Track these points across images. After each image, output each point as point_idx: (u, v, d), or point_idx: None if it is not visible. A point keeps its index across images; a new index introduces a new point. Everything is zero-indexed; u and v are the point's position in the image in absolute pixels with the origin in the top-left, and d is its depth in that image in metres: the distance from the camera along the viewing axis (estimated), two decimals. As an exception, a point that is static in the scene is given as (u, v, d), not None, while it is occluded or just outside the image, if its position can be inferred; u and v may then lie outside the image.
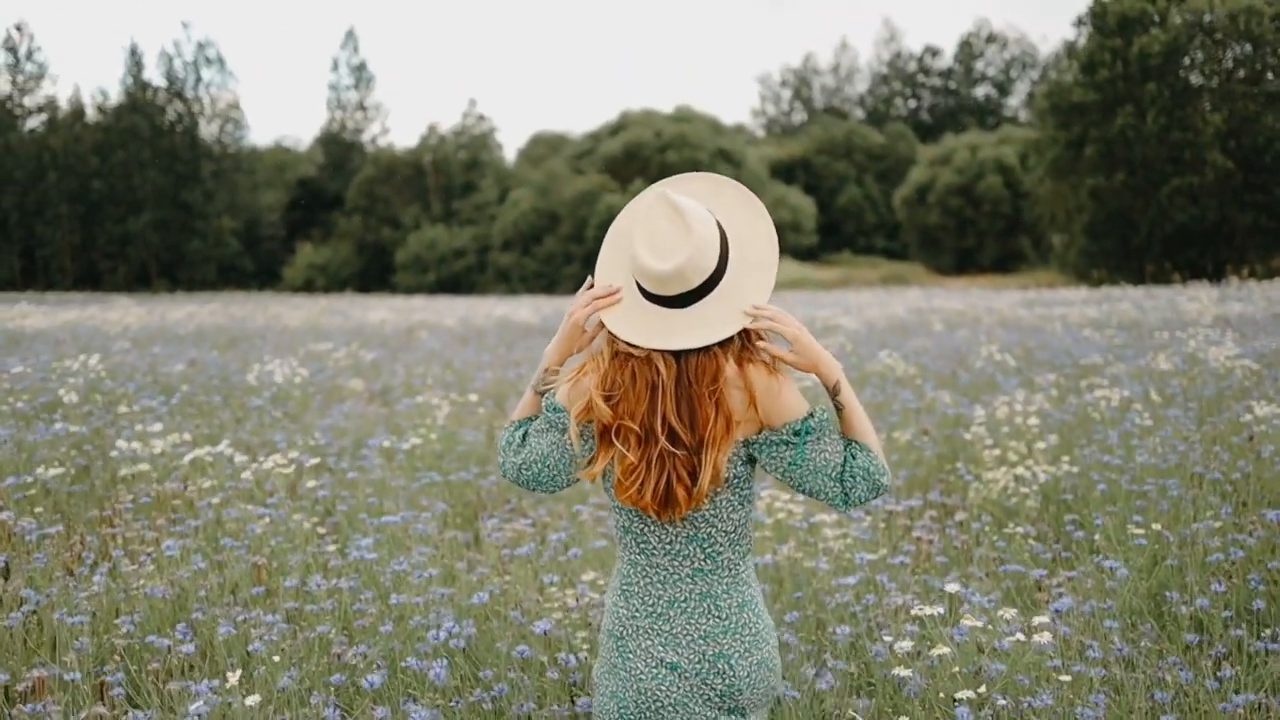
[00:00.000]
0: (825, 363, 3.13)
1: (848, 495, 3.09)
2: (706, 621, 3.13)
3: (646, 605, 3.17)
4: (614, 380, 3.09)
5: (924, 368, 13.31)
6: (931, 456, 8.98)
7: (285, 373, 11.78)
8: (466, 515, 8.06)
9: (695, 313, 3.03)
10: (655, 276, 3.00)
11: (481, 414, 11.28)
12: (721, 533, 3.13)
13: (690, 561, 3.14)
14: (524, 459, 3.25)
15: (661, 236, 3.00)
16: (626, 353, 3.08)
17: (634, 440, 3.05)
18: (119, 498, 7.76)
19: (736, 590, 3.16)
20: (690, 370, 3.03)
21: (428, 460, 8.95)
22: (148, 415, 10.16)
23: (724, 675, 3.12)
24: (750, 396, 3.04)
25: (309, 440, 9.43)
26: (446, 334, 21.71)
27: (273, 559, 6.04)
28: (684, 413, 3.04)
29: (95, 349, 16.72)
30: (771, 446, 3.07)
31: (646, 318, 3.06)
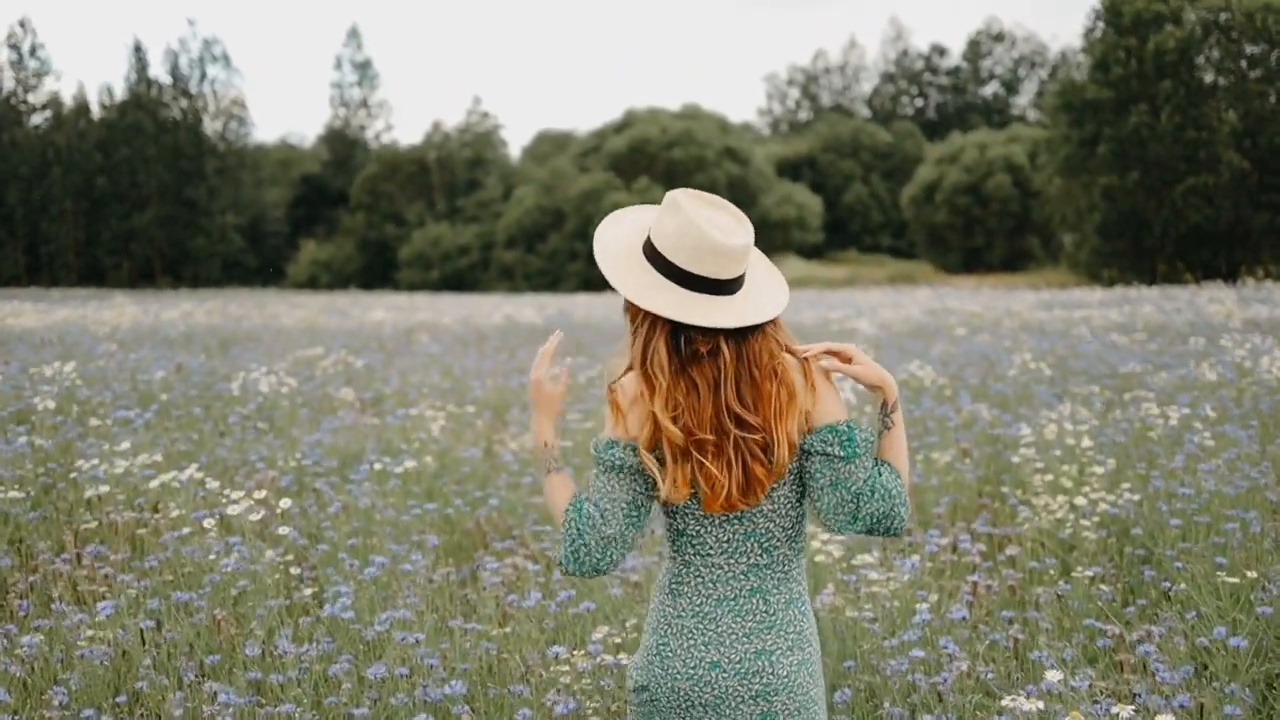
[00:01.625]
0: (889, 379, 3.14)
1: (858, 513, 3.04)
2: (753, 619, 3.09)
3: (694, 605, 3.12)
4: (675, 398, 3.04)
5: (954, 377, 12.51)
6: (974, 480, 8.20)
7: (272, 383, 10.99)
8: (465, 546, 7.31)
9: (743, 296, 3.06)
10: (728, 253, 3.01)
11: (480, 426, 10.51)
12: (780, 528, 3.11)
13: (747, 558, 3.11)
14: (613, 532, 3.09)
15: (720, 221, 3.04)
16: (693, 353, 3.04)
17: (711, 447, 3.02)
18: (79, 525, 7.01)
19: (786, 587, 3.14)
20: (751, 350, 3.04)
21: (424, 481, 8.18)
22: (120, 429, 9.40)
23: (763, 673, 3.08)
24: (807, 376, 3.06)
25: (291, 459, 8.64)
26: (447, 336, 20.90)
27: (238, 607, 5.28)
28: (746, 396, 3.03)
29: (79, 352, 15.97)
30: (816, 457, 3.04)
31: (703, 306, 3.02)
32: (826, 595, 5.31)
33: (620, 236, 3.21)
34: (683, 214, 3.04)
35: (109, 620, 5.06)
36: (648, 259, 3.12)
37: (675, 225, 3.05)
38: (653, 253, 3.11)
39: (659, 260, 3.09)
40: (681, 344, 3.05)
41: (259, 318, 25.55)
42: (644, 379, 3.06)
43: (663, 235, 3.08)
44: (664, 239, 3.08)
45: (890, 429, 3.12)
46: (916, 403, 10.93)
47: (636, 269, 3.11)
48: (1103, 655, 5.15)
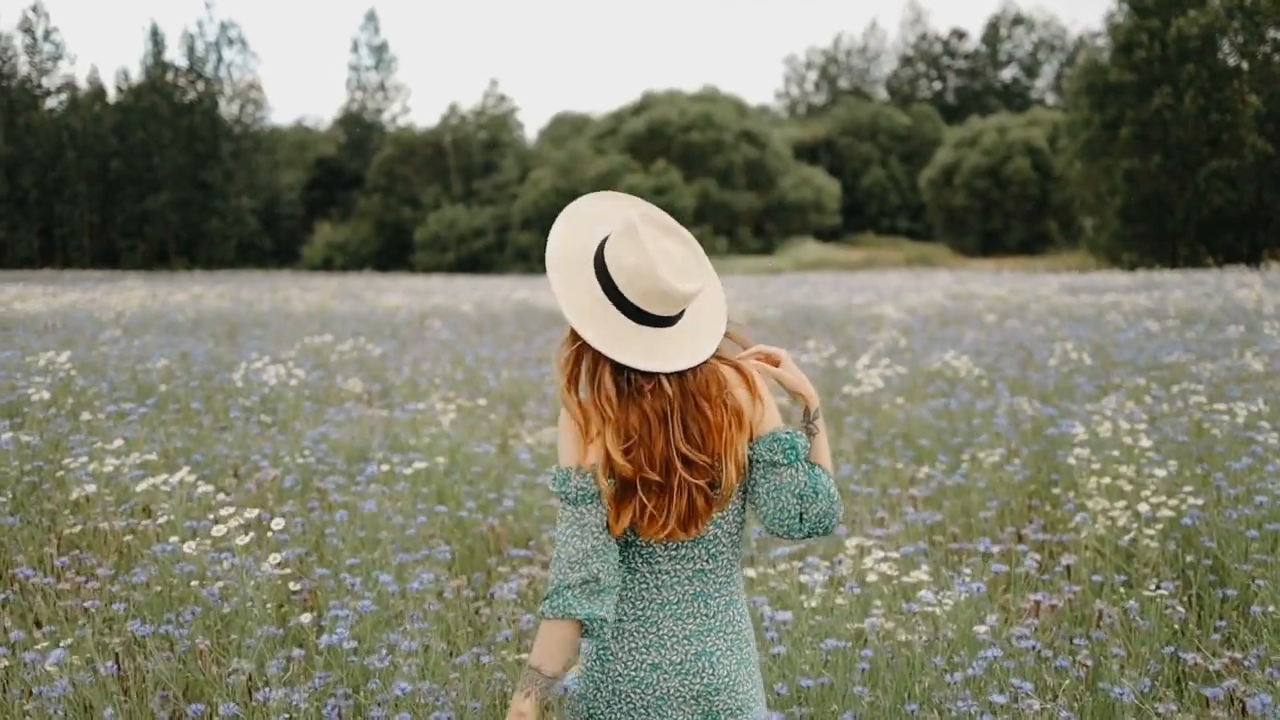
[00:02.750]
0: (810, 387, 3.20)
1: (803, 514, 3.07)
2: (693, 621, 3.10)
3: (636, 609, 3.11)
4: (626, 429, 3.01)
5: (990, 368, 11.95)
6: (1022, 480, 7.66)
7: (276, 373, 10.44)
8: (479, 552, 6.79)
9: (684, 328, 3.05)
10: (679, 297, 2.98)
11: (493, 420, 9.97)
12: (726, 534, 3.12)
13: (693, 564, 3.11)
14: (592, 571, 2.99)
15: (677, 259, 3.00)
16: (636, 390, 3.01)
17: (655, 488, 3.01)
18: (63, 530, 6.53)
19: (726, 589, 3.15)
20: (695, 384, 3.03)
21: (434, 481, 7.66)
22: (114, 423, 8.90)
23: (704, 673, 3.08)
24: (751, 390, 3.07)
25: (297, 455, 8.12)
26: (462, 322, 20.34)
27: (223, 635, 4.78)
28: (694, 433, 3.02)
29: (82, 338, 15.49)
30: (761, 465, 3.08)
31: (645, 342, 3.01)
32: (876, 618, 4.79)
33: (572, 242, 3.12)
34: (640, 250, 2.98)
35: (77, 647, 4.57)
36: (597, 276, 3.05)
37: (632, 261, 2.98)
38: (604, 274, 3.03)
39: (608, 284, 3.03)
40: (625, 377, 3.02)
41: (270, 302, 25.00)
42: (594, 408, 3.02)
43: (618, 266, 3.01)
44: (619, 270, 3.00)
45: (814, 434, 3.18)
46: (953, 395, 10.40)
47: (583, 288, 3.05)
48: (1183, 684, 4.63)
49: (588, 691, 3.14)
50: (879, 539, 6.07)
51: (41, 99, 78.70)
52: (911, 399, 10.42)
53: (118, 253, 77.03)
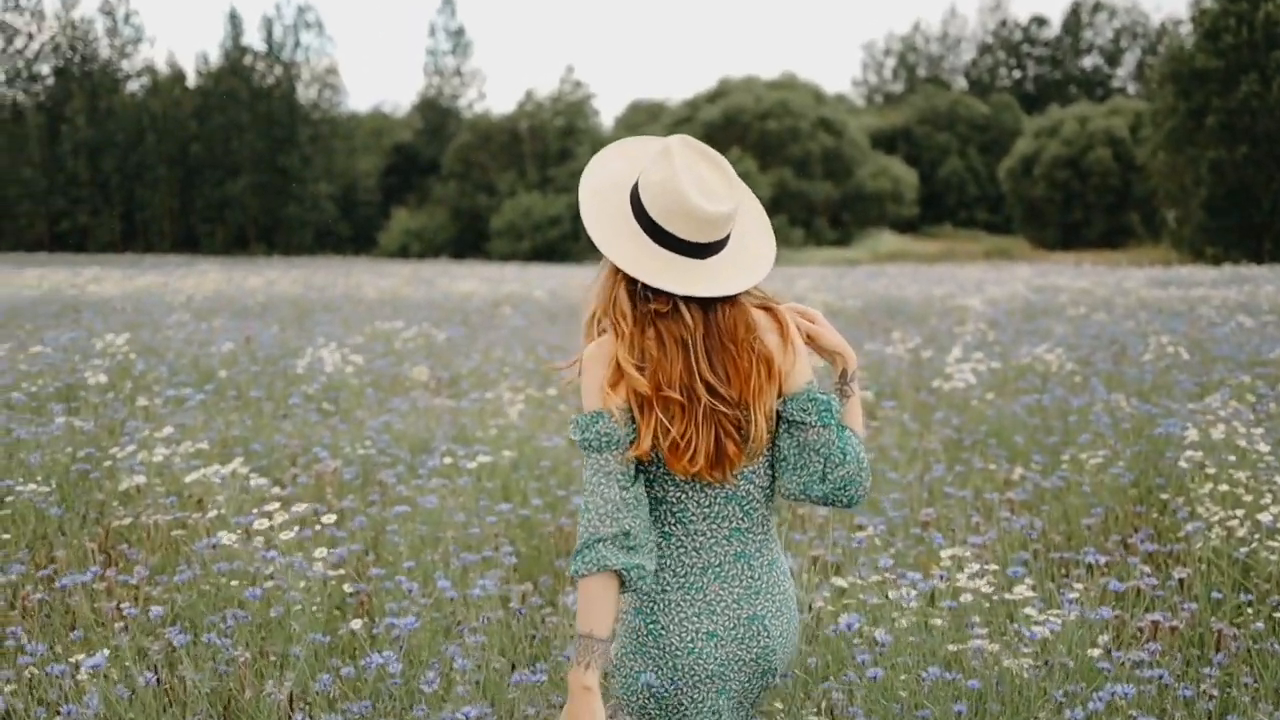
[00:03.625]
0: (848, 347, 3.13)
1: (825, 476, 2.97)
2: (739, 584, 3.02)
3: (678, 577, 3.00)
4: (641, 347, 2.90)
5: (1083, 362, 11.40)
6: (1126, 484, 7.14)
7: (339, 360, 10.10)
8: (545, 553, 6.39)
9: (719, 262, 2.94)
10: (706, 219, 2.89)
11: (564, 412, 9.54)
12: (759, 489, 3.04)
13: (729, 522, 3.02)
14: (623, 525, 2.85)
15: (709, 181, 2.91)
16: (653, 311, 2.91)
17: (677, 409, 2.88)
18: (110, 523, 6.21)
19: (767, 549, 3.08)
20: (719, 321, 2.93)
21: (500, 475, 7.26)
22: (172, 409, 8.59)
23: (759, 637, 3.02)
24: (784, 334, 2.97)
25: (358, 446, 7.76)
26: (535, 309, 19.97)
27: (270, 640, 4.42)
28: (718, 368, 2.91)
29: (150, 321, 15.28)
30: (791, 424, 2.98)
31: (670, 266, 2.90)
32: (979, 640, 4.34)
33: (614, 171, 3.07)
34: (670, 167, 2.91)
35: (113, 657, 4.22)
36: (630, 201, 2.99)
37: (660, 178, 2.92)
38: (635, 197, 2.98)
39: (638, 207, 2.96)
40: (638, 296, 2.93)
41: (342, 287, 24.78)
42: (611, 326, 2.94)
43: (647, 184, 2.94)
44: (647, 188, 2.94)
45: (848, 397, 3.11)
46: (1045, 390, 9.88)
47: (613, 208, 2.99)
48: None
49: (645, 669, 3.01)
50: (975, 548, 5.63)
51: (122, 83, 79.71)
52: (1001, 394, 9.93)
53: (197, 238, 77.73)
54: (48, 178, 76.71)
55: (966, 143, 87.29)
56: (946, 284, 27.70)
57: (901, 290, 24.99)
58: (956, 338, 13.55)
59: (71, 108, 77.22)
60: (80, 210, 76.75)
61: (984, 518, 6.44)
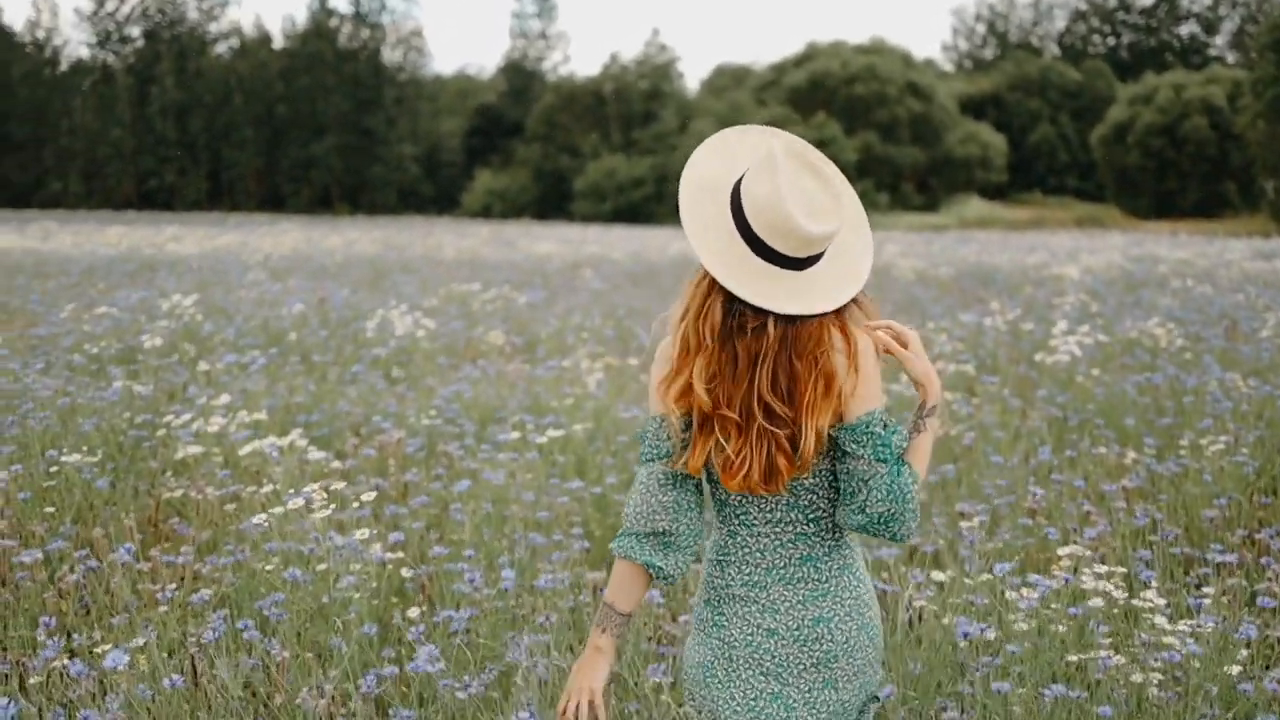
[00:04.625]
0: (935, 382, 2.99)
1: (865, 507, 2.87)
2: (805, 586, 2.97)
3: (743, 574, 2.99)
4: (715, 366, 2.85)
5: (1194, 338, 10.75)
6: (1250, 474, 6.57)
7: (408, 324, 9.69)
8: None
9: (811, 275, 2.86)
10: (809, 239, 2.79)
11: (643, 382, 9.06)
12: (823, 499, 2.97)
13: (793, 527, 2.98)
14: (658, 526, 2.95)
15: (812, 197, 2.82)
16: (743, 326, 2.84)
17: (734, 429, 2.85)
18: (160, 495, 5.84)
19: (838, 553, 3.00)
20: (798, 332, 2.85)
21: (574, 449, 6.82)
22: (235, 373, 8.23)
23: (822, 640, 2.96)
24: (851, 357, 2.86)
25: (423, 417, 7.34)
26: (616, 270, 19.46)
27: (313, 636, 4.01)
28: (780, 384, 2.85)
29: (224, 281, 15.00)
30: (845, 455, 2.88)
31: (764, 279, 2.82)
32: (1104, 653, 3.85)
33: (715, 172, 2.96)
34: (774, 181, 2.82)
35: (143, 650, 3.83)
36: (731, 205, 2.90)
37: (764, 191, 2.83)
38: (736, 203, 2.88)
39: (739, 214, 2.88)
40: (734, 310, 2.87)
41: (421, 247, 24.45)
42: (692, 335, 2.88)
43: (751, 195, 2.85)
44: (751, 199, 2.85)
45: (921, 432, 2.99)
46: (1155, 369, 9.28)
47: (713, 215, 2.91)
48: None
49: (705, 659, 3.04)
50: (1090, 541, 5.12)
51: (210, 45, 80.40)
52: (1107, 370, 9.34)
53: (282, 197, 78.41)
54: (136, 138, 77.83)
55: (1058, 109, 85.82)
56: (1039, 252, 26.95)
57: (993, 257, 24.28)
58: (1055, 308, 12.93)
59: (160, 69, 78.09)
60: (168, 170, 77.80)
61: (1095, 506, 5.93)
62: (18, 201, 72.15)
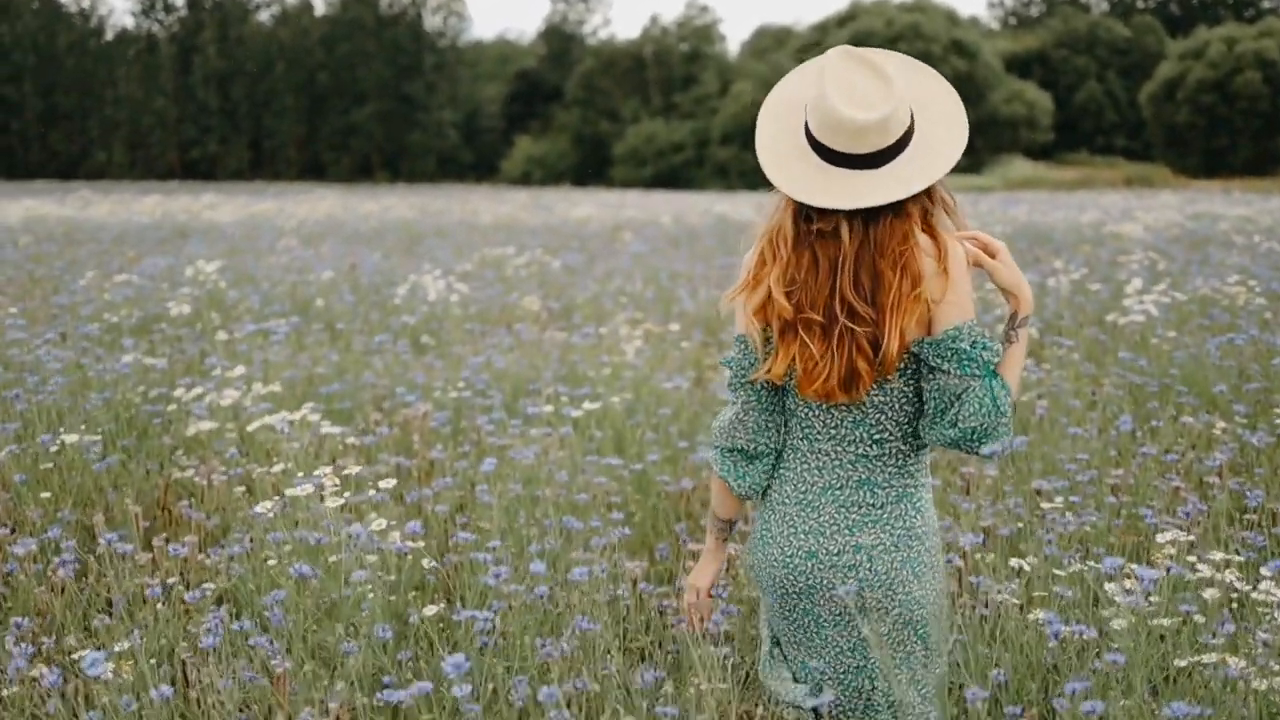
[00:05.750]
0: (1027, 290, 3.00)
1: (956, 421, 2.87)
2: (857, 510, 2.99)
3: (799, 491, 3.04)
4: (793, 273, 2.89)
5: (1272, 295, 10.13)
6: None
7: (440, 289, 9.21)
8: (663, 514, 5.44)
9: (888, 172, 2.82)
10: (856, 128, 2.78)
11: (686, 350, 8.52)
12: (892, 420, 2.97)
13: (856, 447, 2.99)
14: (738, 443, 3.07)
15: (861, 89, 2.80)
16: (814, 231, 2.86)
17: (818, 331, 2.88)
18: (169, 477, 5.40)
19: (899, 480, 3.00)
20: (878, 233, 2.84)
21: (612, 423, 6.33)
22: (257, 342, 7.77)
23: (859, 567, 2.96)
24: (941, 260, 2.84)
25: (450, 389, 6.85)
26: (657, 233, 18.91)
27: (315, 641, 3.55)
28: (863, 284, 2.86)
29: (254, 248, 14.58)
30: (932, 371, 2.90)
31: (833, 181, 2.82)
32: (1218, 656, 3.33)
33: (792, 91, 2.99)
34: (822, 80, 2.84)
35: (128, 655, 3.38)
36: (805, 123, 2.91)
37: (816, 93, 2.86)
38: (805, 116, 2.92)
39: (807, 126, 2.90)
40: (805, 216, 2.90)
41: (459, 213, 23.98)
42: (767, 247, 2.93)
43: (809, 101, 2.90)
44: (809, 105, 2.89)
45: (1013, 343, 2.99)
46: (1236, 329, 8.69)
47: (787, 130, 2.94)
48: None
49: (755, 563, 3.12)
50: (1185, 522, 4.59)
51: (252, 13, 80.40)
52: (1184, 331, 8.76)
53: (323, 165, 78.48)
54: (179, 107, 78.11)
55: (1106, 67, 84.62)
56: (1091, 211, 26.28)
57: (1045, 217, 23.62)
58: (1122, 267, 12.33)
59: (203, 38, 78.19)
60: (210, 139, 78.03)
61: (1185, 481, 5.40)
62: (65, 173, 72.33)
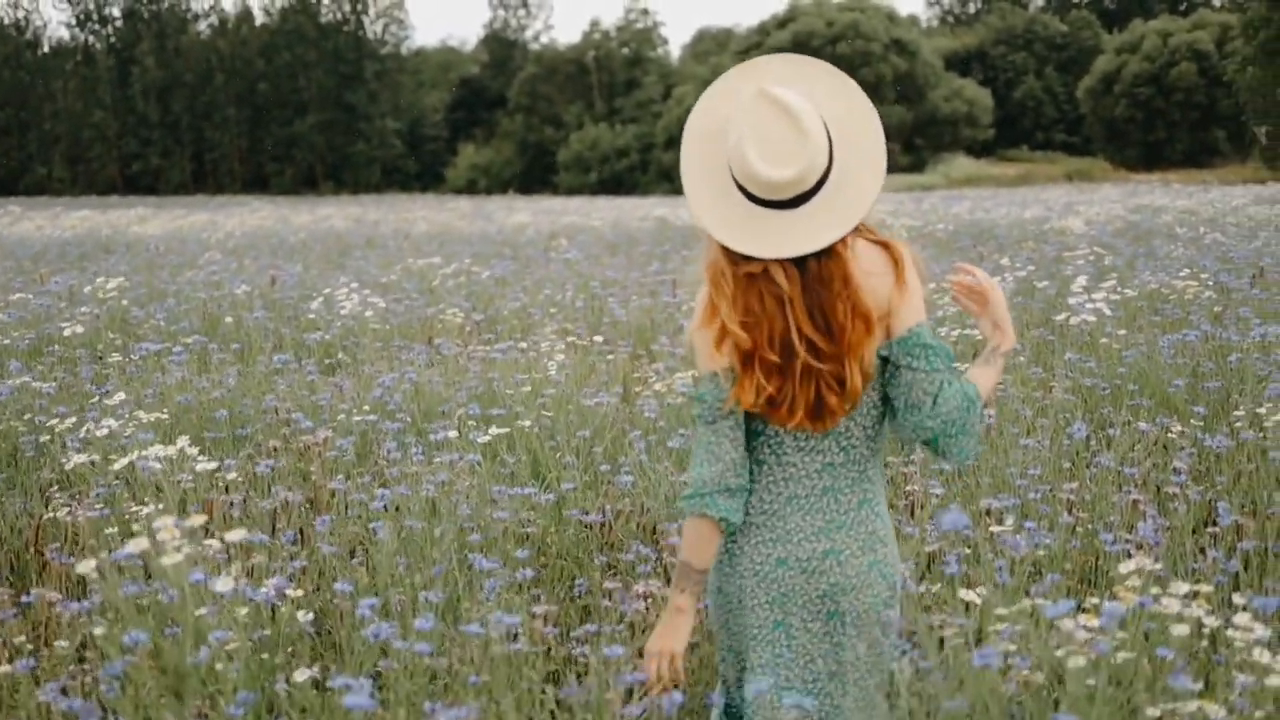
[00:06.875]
0: (1009, 329, 3.10)
1: (935, 408, 2.90)
2: (821, 517, 3.01)
3: (764, 504, 3.03)
4: (746, 304, 2.89)
5: (1220, 289, 9.78)
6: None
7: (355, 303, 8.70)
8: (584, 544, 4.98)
9: (810, 213, 2.85)
10: (772, 185, 2.82)
11: (613, 362, 8.01)
12: (859, 426, 3.01)
13: (823, 456, 3.01)
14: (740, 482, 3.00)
15: (776, 142, 2.81)
16: (748, 272, 2.88)
17: (773, 370, 2.89)
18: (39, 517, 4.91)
19: (860, 487, 3.03)
20: (815, 276, 2.87)
21: (528, 443, 5.86)
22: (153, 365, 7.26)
23: (830, 573, 2.98)
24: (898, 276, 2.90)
25: (356, 411, 6.36)
26: (594, 241, 18.43)
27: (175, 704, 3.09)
28: (819, 322, 2.88)
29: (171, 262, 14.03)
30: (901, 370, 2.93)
31: (754, 223, 2.87)
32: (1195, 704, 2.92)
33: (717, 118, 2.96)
34: (740, 126, 2.84)
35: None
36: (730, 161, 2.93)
37: (734, 138, 2.86)
38: None
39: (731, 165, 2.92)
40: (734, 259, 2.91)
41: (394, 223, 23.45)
42: (712, 284, 2.93)
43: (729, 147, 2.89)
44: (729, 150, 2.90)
45: (988, 365, 3.06)
46: (1190, 325, 8.34)
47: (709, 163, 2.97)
48: None
49: (722, 585, 3.08)
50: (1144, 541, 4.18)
51: (190, 23, 79.52)
52: (1134, 329, 8.39)
53: (267, 177, 77.61)
54: (119, 120, 77.17)
55: (1044, 63, 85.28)
56: (1034, 206, 26.13)
57: (988, 214, 23.38)
58: (1067, 263, 11.98)
59: (140, 49, 77.16)
60: (151, 152, 77.19)
61: (1143, 492, 5.00)
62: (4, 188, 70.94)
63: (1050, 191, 40.37)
